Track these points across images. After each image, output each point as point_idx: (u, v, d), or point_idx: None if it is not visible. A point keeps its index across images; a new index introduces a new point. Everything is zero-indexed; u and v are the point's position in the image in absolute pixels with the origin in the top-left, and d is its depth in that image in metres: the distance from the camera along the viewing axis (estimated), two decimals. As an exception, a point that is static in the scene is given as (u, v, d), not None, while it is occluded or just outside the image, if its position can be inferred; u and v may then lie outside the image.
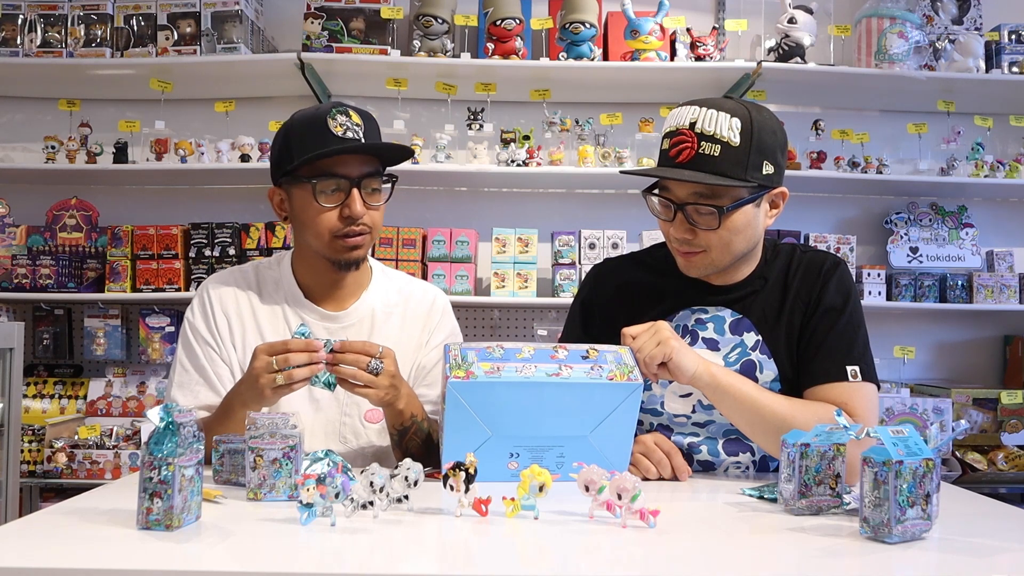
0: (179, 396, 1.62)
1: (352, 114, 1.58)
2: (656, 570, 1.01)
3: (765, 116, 1.51)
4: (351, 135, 1.56)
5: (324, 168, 1.57)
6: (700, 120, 1.46)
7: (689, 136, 1.46)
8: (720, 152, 1.44)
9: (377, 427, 1.66)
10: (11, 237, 3.18)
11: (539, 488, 1.15)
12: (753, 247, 1.57)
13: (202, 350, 1.65)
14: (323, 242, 1.61)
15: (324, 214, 1.58)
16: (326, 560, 0.99)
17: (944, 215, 3.32)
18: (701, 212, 1.48)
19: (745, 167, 1.45)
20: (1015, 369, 3.35)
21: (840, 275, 1.59)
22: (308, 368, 1.40)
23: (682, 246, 1.53)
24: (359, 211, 1.57)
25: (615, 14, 3.16)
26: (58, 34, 3.09)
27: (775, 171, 1.51)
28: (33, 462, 2.97)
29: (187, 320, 1.69)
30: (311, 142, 1.56)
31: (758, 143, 1.46)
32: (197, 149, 3.06)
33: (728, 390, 1.45)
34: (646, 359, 1.39)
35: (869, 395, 1.52)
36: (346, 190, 1.57)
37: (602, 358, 1.37)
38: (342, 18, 3.06)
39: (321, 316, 1.68)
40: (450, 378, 1.31)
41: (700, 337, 1.59)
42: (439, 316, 1.76)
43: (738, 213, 1.48)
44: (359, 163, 1.59)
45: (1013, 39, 3.16)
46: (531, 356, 1.35)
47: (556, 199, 3.41)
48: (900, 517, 1.06)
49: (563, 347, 1.38)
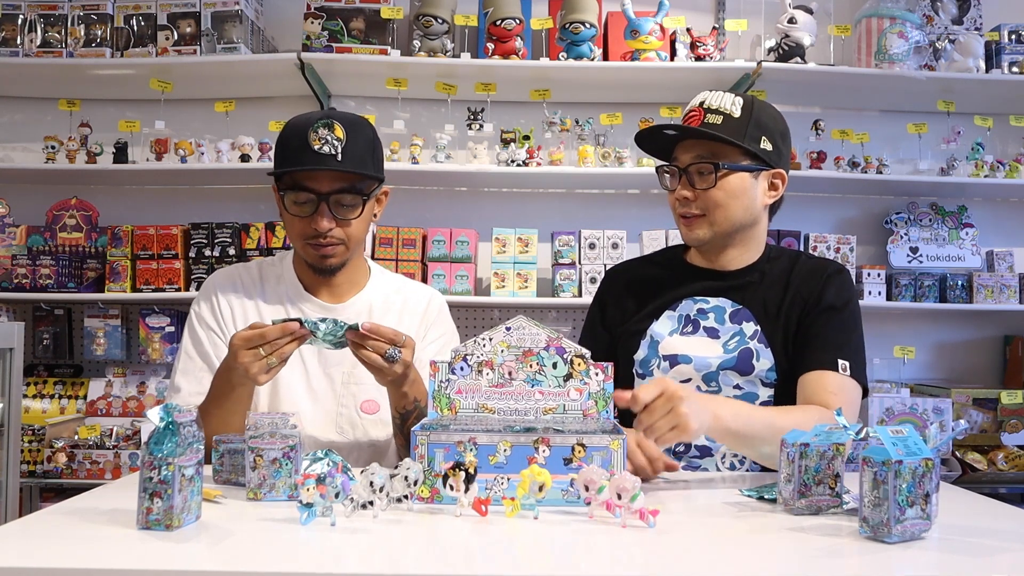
0: (183, 382, 1.67)
1: (336, 127, 1.60)
2: (656, 570, 1.01)
3: (767, 104, 1.67)
4: (327, 150, 1.59)
5: (295, 181, 1.63)
6: (708, 99, 1.65)
7: (697, 111, 1.64)
8: (722, 121, 1.61)
9: (374, 418, 1.70)
10: (11, 237, 3.18)
11: (539, 488, 1.15)
12: (751, 222, 1.66)
13: (207, 337, 1.71)
14: (299, 246, 1.69)
15: (295, 221, 1.65)
16: (326, 560, 0.99)
17: (944, 215, 3.32)
18: (701, 172, 1.61)
19: (743, 135, 1.60)
20: (1015, 369, 3.35)
21: (842, 280, 1.68)
22: (293, 343, 1.43)
23: (683, 207, 1.65)
24: (323, 226, 1.62)
25: (615, 14, 3.16)
26: (58, 34, 3.09)
27: (774, 150, 1.63)
28: (33, 462, 2.97)
29: (193, 310, 1.75)
30: (289, 153, 1.62)
31: (757, 119, 1.62)
32: (197, 149, 3.06)
33: (739, 432, 1.45)
34: (657, 440, 1.33)
35: (851, 391, 1.59)
36: (314, 204, 1.62)
37: (587, 459, 1.23)
38: (342, 18, 3.06)
39: (321, 308, 1.73)
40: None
41: (701, 326, 1.66)
42: (436, 314, 1.82)
43: (734, 177, 1.61)
44: (330, 179, 1.62)
45: (1013, 39, 3.15)
46: (506, 461, 1.23)
47: (556, 199, 3.41)
48: (899, 517, 1.06)
49: (545, 445, 1.24)
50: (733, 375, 1.62)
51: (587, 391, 1.35)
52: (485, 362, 1.36)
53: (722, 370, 1.62)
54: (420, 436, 1.24)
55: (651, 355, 1.67)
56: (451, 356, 1.36)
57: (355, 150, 1.62)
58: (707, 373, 1.63)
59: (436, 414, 1.34)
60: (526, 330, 1.37)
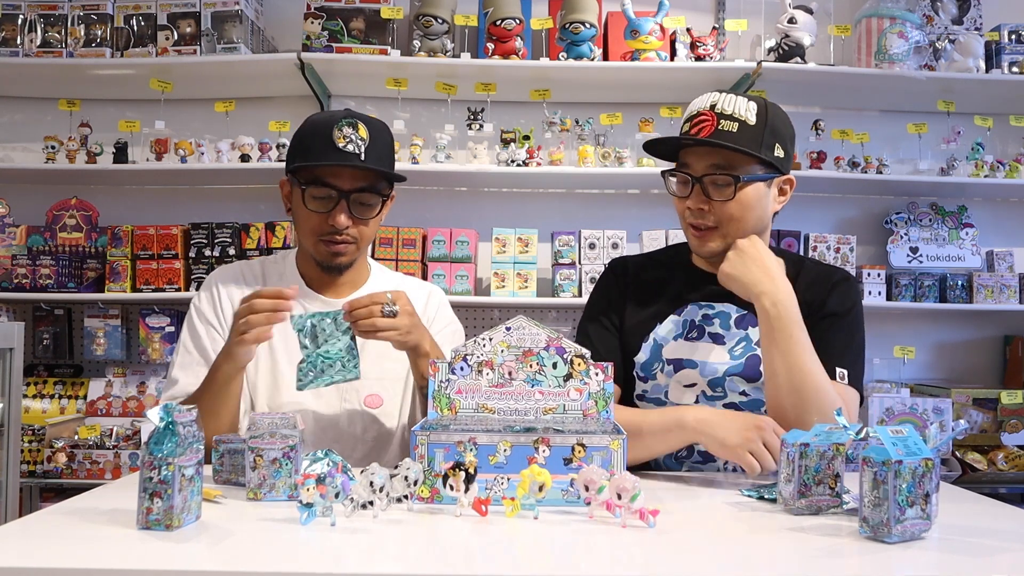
0: (180, 376, 1.68)
1: (360, 127, 1.62)
2: (656, 570, 1.01)
3: (777, 107, 1.61)
4: (352, 148, 1.60)
5: (317, 176, 1.64)
6: (720, 102, 1.56)
7: (709, 115, 1.55)
8: (738, 128, 1.53)
9: (377, 412, 1.71)
10: (11, 237, 3.18)
11: (539, 488, 1.15)
12: (761, 231, 1.62)
13: (206, 331, 1.72)
14: (310, 243, 1.70)
15: (312, 217, 1.65)
16: (326, 560, 0.99)
17: (944, 215, 3.32)
18: (718, 183, 1.55)
19: (760, 144, 1.54)
20: (1015, 369, 3.35)
21: (848, 288, 1.66)
22: (277, 314, 1.46)
23: (696, 219, 1.58)
24: (342, 223, 1.63)
25: (615, 14, 3.16)
26: (58, 34, 3.09)
27: (785, 157, 1.59)
28: (33, 462, 2.97)
29: (193, 305, 1.76)
30: (311, 148, 1.63)
31: (772, 126, 1.56)
32: (197, 149, 3.06)
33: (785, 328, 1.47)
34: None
35: (851, 397, 1.56)
36: (335, 200, 1.63)
37: (587, 459, 1.24)
38: (342, 18, 3.06)
39: (323, 304, 1.74)
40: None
41: (707, 332, 1.63)
42: (436, 307, 1.83)
43: (751, 188, 1.55)
44: (352, 177, 1.64)
45: (1013, 39, 3.15)
46: (506, 461, 1.24)
47: (556, 199, 3.41)
48: (899, 517, 1.06)
49: (545, 445, 1.24)
50: (740, 382, 1.59)
51: (587, 391, 1.35)
52: (485, 362, 1.35)
53: (729, 376, 1.59)
54: (420, 436, 1.24)
55: (653, 358, 1.64)
56: (451, 356, 1.36)
57: (377, 151, 1.64)
58: (713, 379, 1.60)
59: (436, 414, 1.34)
60: (526, 330, 1.37)
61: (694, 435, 1.46)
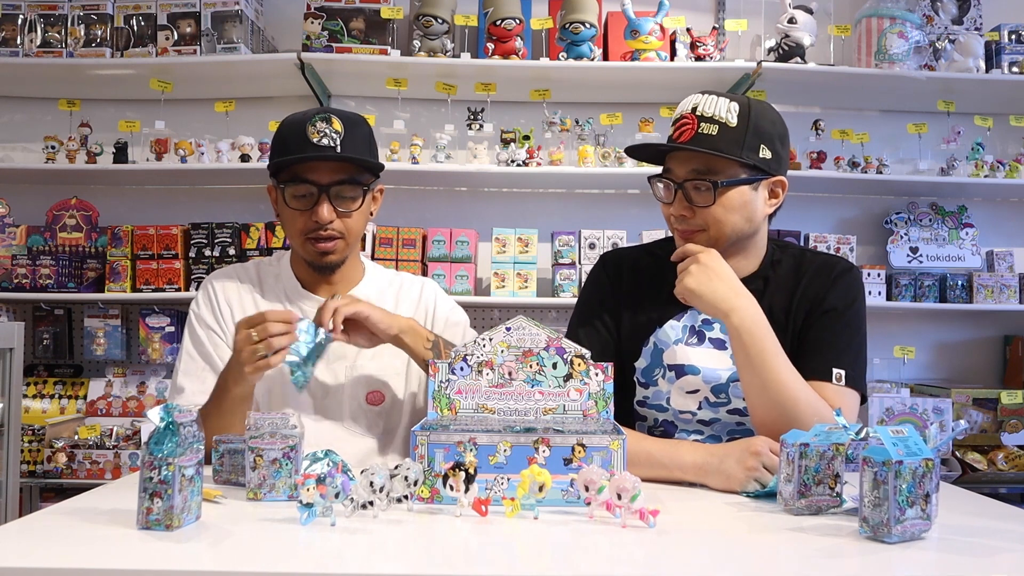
0: (186, 383, 1.67)
1: (334, 120, 1.61)
2: (656, 570, 1.01)
3: (764, 106, 1.57)
4: (327, 142, 1.60)
5: (295, 173, 1.63)
6: (701, 104, 1.53)
7: (690, 119, 1.52)
8: (718, 132, 1.50)
9: (380, 408, 1.72)
10: (11, 237, 3.18)
11: (539, 488, 1.15)
12: (753, 232, 1.59)
13: (207, 336, 1.71)
14: (298, 243, 1.69)
15: (296, 217, 1.65)
16: (326, 560, 0.99)
17: (944, 215, 3.32)
18: (699, 188, 1.53)
19: (741, 147, 1.50)
20: (1015, 369, 3.35)
21: (850, 280, 1.61)
22: (287, 336, 1.47)
23: (680, 224, 1.57)
24: (324, 217, 1.63)
25: (615, 14, 3.16)
26: (58, 34, 3.09)
27: (773, 157, 1.55)
28: (33, 462, 2.97)
29: (192, 311, 1.75)
30: (288, 147, 1.62)
31: (755, 127, 1.52)
32: (197, 149, 3.06)
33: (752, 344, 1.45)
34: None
35: (848, 401, 1.52)
36: (315, 195, 1.63)
37: (587, 459, 1.24)
38: (342, 18, 3.06)
39: (317, 304, 1.70)
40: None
41: (707, 337, 1.60)
42: (432, 300, 1.83)
43: (734, 192, 1.52)
44: (330, 170, 1.63)
45: (1013, 39, 3.15)
46: (506, 462, 1.24)
47: (556, 199, 3.41)
48: (899, 517, 1.06)
49: (545, 445, 1.24)
50: None
51: (587, 391, 1.35)
52: (485, 362, 1.35)
53: (732, 382, 1.56)
54: (420, 436, 1.24)
55: (654, 364, 1.61)
56: (451, 355, 1.37)
57: (353, 142, 1.63)
58: (716, 385, 1.57)
59: (436, 414, 1.34)
60: (526, 330, 1.37)
61: (696, 480, 1.43)
